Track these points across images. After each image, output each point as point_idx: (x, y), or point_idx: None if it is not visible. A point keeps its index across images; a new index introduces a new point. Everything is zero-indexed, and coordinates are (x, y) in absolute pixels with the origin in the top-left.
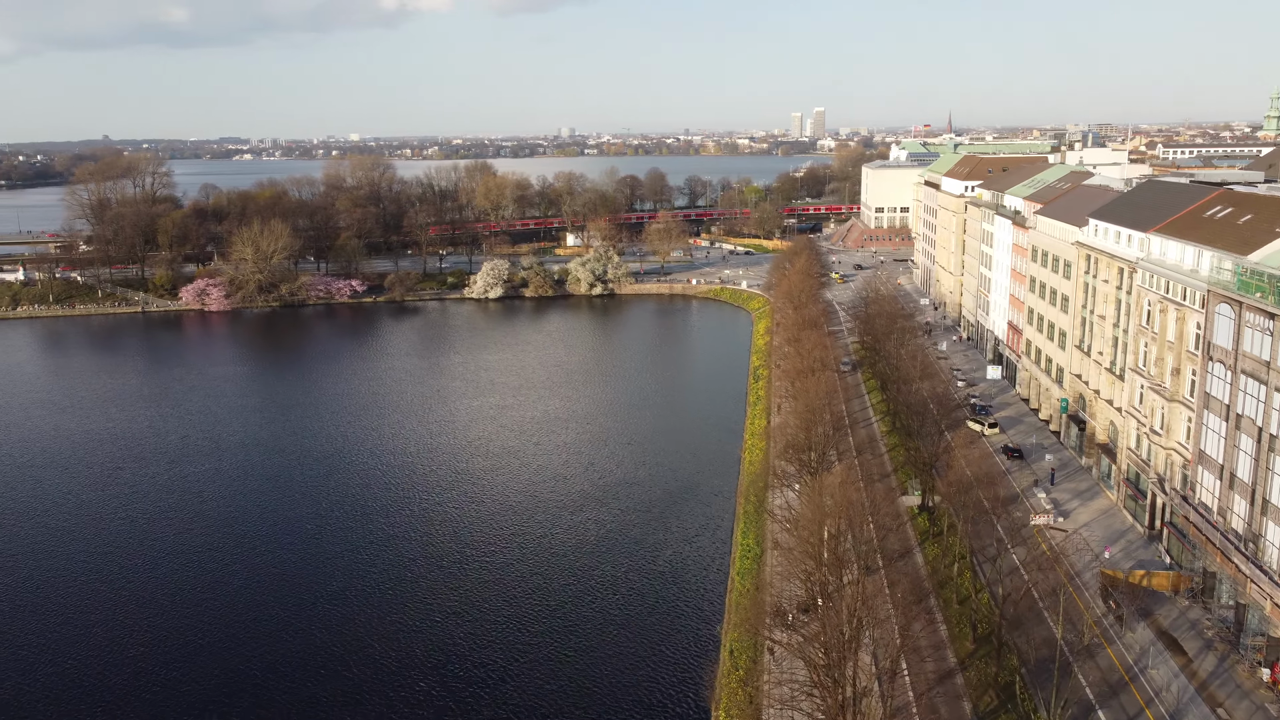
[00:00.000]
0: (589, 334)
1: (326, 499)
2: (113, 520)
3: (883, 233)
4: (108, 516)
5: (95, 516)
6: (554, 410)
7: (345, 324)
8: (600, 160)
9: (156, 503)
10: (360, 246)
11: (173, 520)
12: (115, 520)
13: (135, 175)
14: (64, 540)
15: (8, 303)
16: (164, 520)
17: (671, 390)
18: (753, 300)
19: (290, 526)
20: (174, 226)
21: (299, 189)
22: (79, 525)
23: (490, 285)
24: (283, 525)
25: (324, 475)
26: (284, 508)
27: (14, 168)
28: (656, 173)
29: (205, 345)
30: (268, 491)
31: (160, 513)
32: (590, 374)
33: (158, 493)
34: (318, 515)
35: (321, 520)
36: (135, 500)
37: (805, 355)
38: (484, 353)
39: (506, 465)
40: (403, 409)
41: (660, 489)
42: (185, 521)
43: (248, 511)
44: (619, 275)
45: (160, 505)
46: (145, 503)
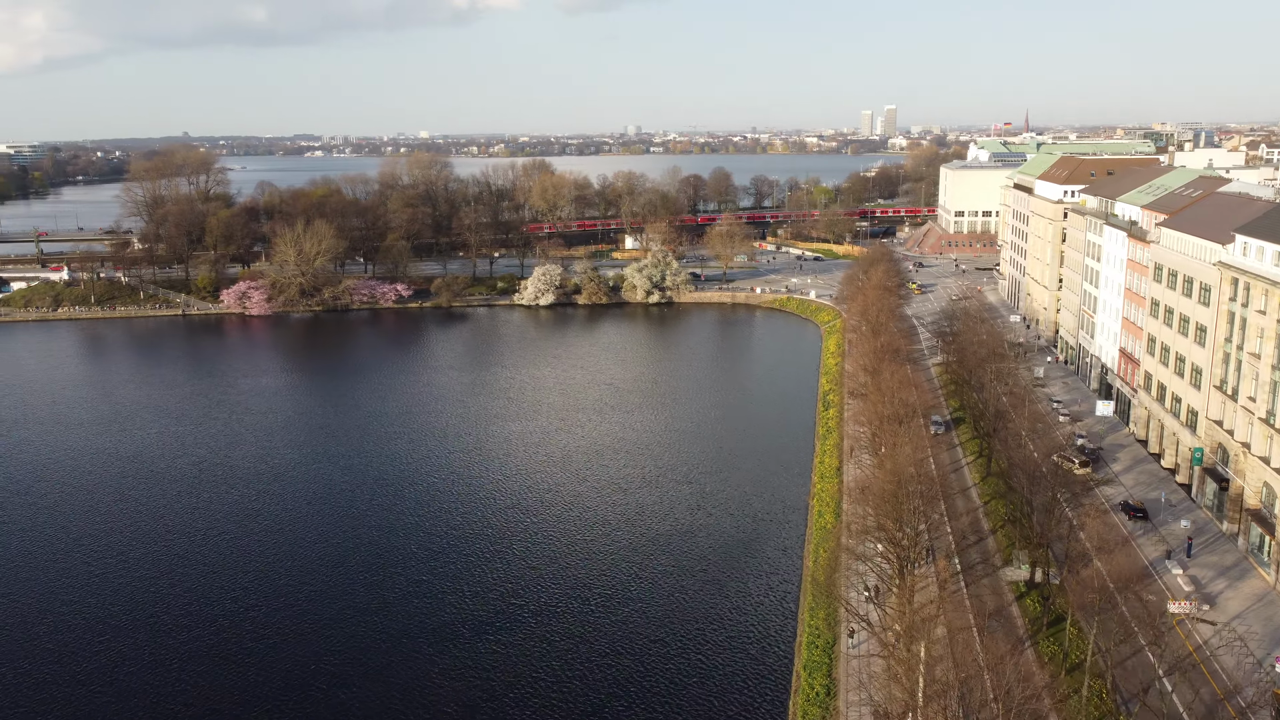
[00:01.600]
0: (643, 348)
1: (339, 546)
2: (109, 554)
3: (963, 238)
4: (107, 549)
5: (110, 547)
6: (602, 438)
7: (388, 332)
8: (665, 158)
9: (160, 534)
10: (407, 248)
11: (174, 556)
12: (111, 554)
13: (190, 172)
14: (88, 557)
15: (49, 303)
16: (174, 554)
17: (732, 416)
18: (822, 312)
19: (297, 576)
20: (220, 226)
21: (353, 187)
22: (91, 543)
23: (541, 292)
24: (292, 574)
25: (339, 516)
26: (292, 552)
27: (91, 164)
28: (721, 172)
29: (239, 354)
30: (275, 533)
31: (162, 544)
32: (643, 395)
33: (165, 521)
34: (328, 566)
35: (334, 572)
36: (139, 527)
37: (886, 395)
38: (531, 367)
39: (546, 505)
40: (438, 433)
41: (716, 546)
42: (185, 558)
43: (252, 550)
44: (677, 282)
45: (161, 540)
46: (150, 532)
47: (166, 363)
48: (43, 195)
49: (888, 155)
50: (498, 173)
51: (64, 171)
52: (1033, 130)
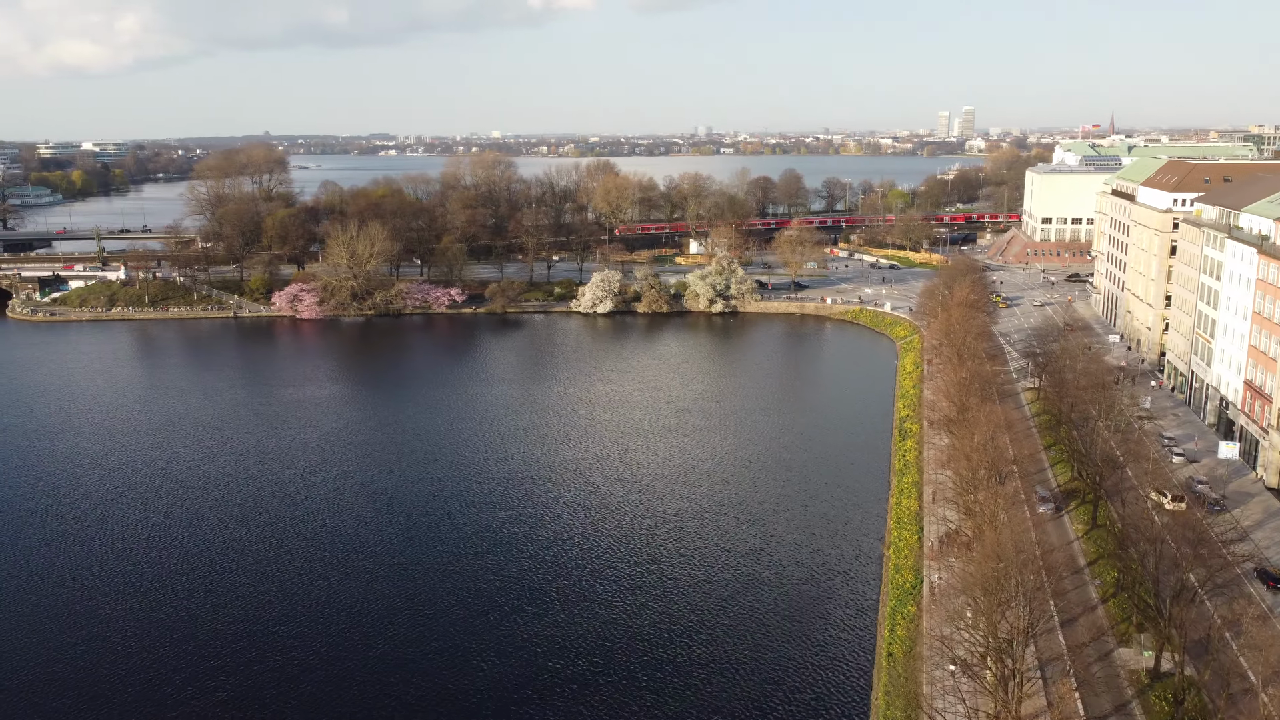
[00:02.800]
0: (705, 362)
1: (357, 591)
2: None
3: (1050, 246)
4: (125, 568)
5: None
6: (658, 465)
7: (438, 339)
8: (735, 159)
9: (174, 558)
10: (463, 251)
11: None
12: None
13: (254, 171)
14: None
15: (104, 303)
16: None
17: (799, 444)
18: (897, 326)
19: (318, 612)
20: (277, 225)
21: (414, 187)
22: (111, 564)
23: (599, 299)
24: (304, 613)
25: (359, 551)
26: (304, 589)
27: (171, 161)
28: (792, 174)
29: (284, 361)
30: (293, 563)
31: (173, 570)
32: (704, 416)
33: (180, 548)
34: (344, 615)
35: (351, 620)
36: (162, 550)
37: (977, 446)
38: (584, 382)
39: (590, 545)
40: (479, 457)
41: (778, 603)
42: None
43: (265, 590)
44: (743, 291)
45: (172, 566)
46: (170, 554)
47: (210, 368)
48: (123, 192)
49: (965, 157)
50: (561, 173)
51: (145, 169)
52: (1119, 132)
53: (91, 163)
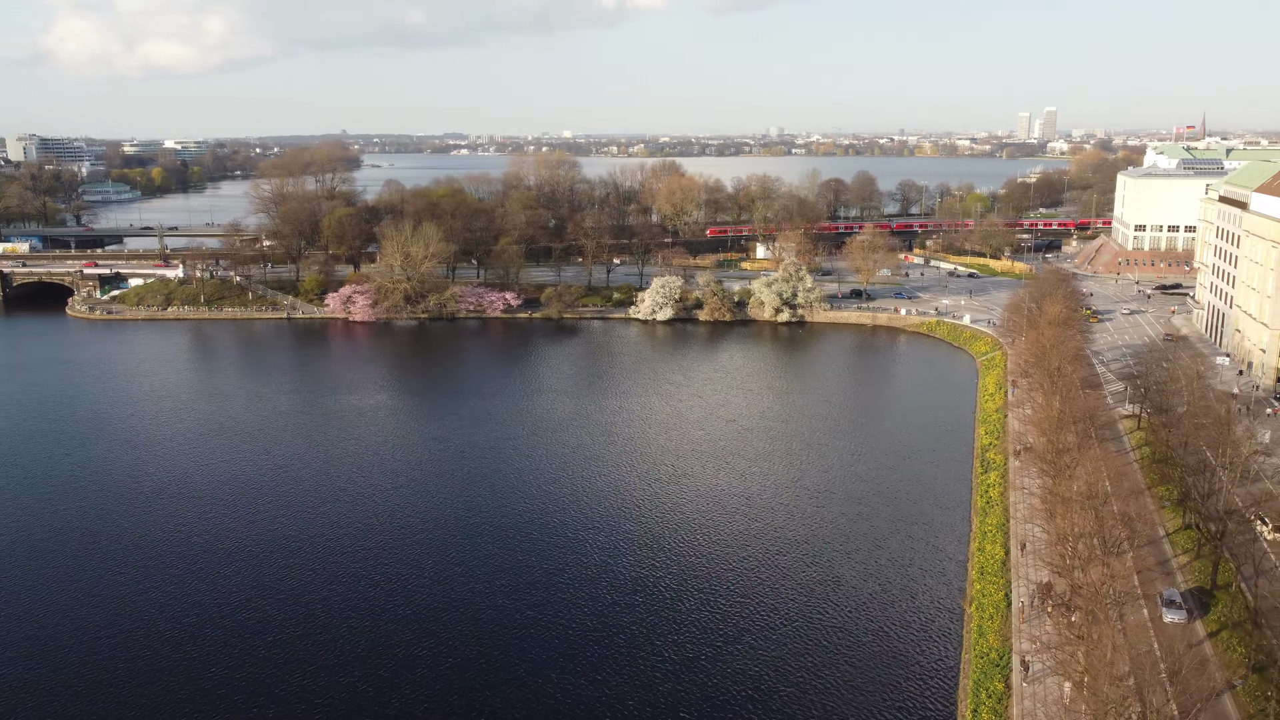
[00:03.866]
0: (770, 375)
1: (382, 631)
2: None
3: (1143, 255)
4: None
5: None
6: (717, 493)
7: (492, 345)
8: (806, 160)
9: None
10: (520, 254)
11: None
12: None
13: (317, 170)
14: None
15: (160, 301)
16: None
17: (870, 472)
18: (977, 341)
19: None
20: (334, 225)
21: (476, 187)
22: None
23: (659, 305)
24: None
25: (387, 589)
26: (317, 633)
27: (249, 159)
28: (865, 175)
29: (332, 366)
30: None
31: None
32: (768, 438)
33: (208, 567)
34: (365, 659)
35: (373, 664)
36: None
37: (1078, 497)
38: (641, 395)
39: (639, 584)
40: (528, 477)
41: (846, 669)
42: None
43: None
44: (810, 299)
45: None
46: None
47: (255, 373)
48: (200, 189)
49: (1047, 160)
50: (626, 174)
51: (223, 167)
52: (1211, 135)
53: (172, 160)
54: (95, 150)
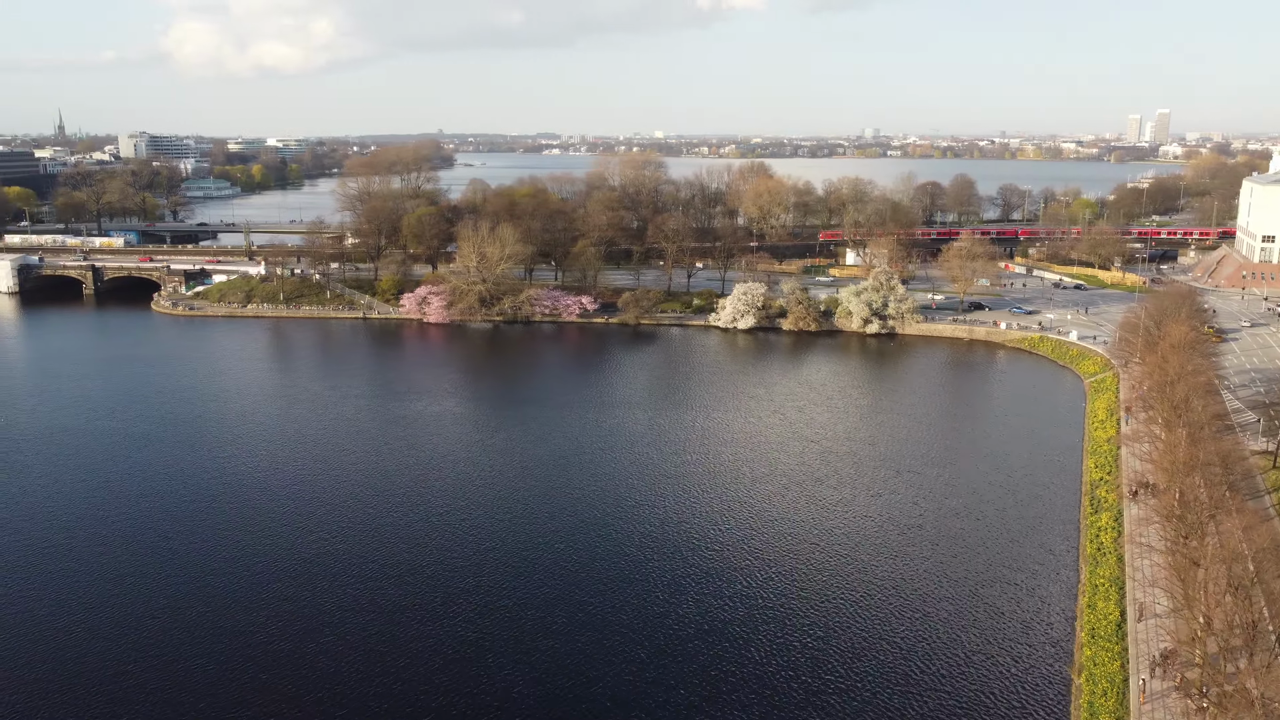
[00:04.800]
0: (856, 392)
1: (420, 671)
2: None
3: (1272, 269)
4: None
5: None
6: (797, 523)
7: (566, 351)
8: (902, 163)
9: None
10: (598, 256)
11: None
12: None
13: (402, 169)
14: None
15: (241, 299)
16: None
17: (967, 506)
18: (1085, 360)
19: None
20: (414, 224)
21: (560, 187)
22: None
23: (740, 313)
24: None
25: (431, 626)
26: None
27: (345, 158)
28: (963, 179)
29: (403, 369)
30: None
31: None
32: (853, 463)
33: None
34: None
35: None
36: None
37: (1212, 558)
38: (718, 410)
39: (700, 633)
40: (594, 502)
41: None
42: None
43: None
44: (902, 310)
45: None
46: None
47: (325, 375)
48: (298, 187)
49: (1160, 164)
50: (712, 175)
51: (321, 165)
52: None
53: (273, 158)
54: (202, 147)
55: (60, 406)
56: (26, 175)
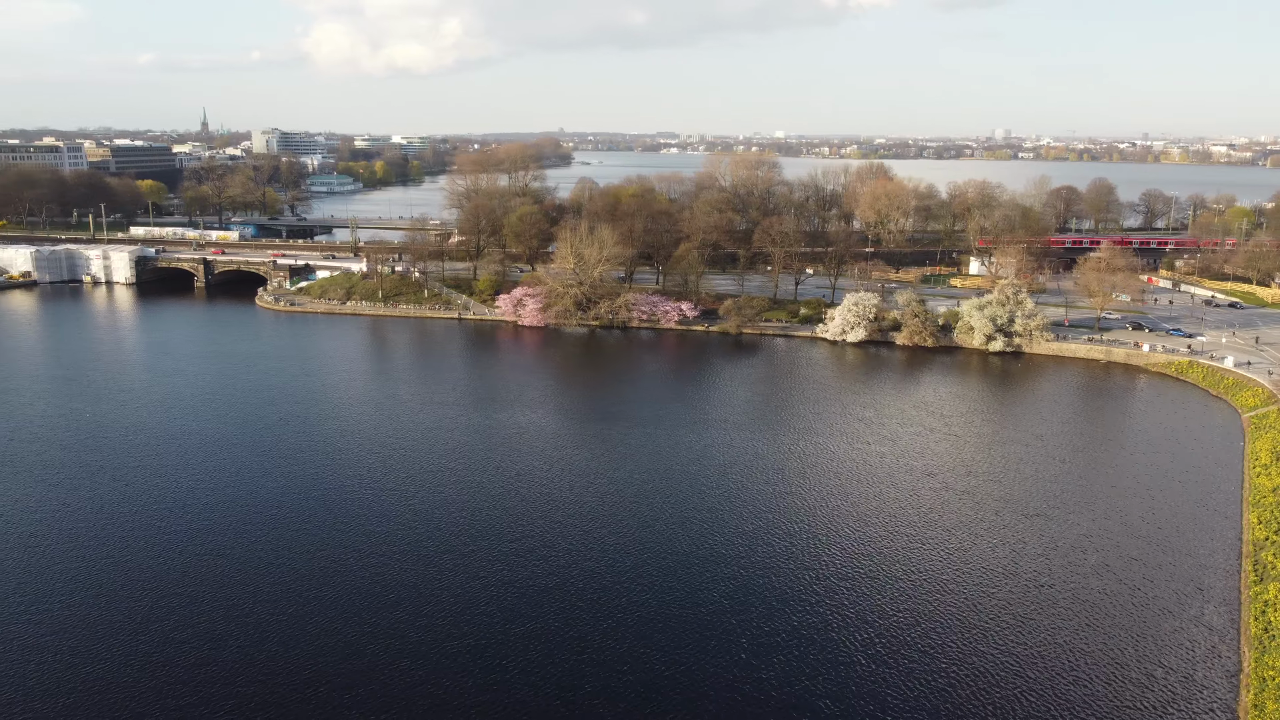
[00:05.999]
0: (977, 418)
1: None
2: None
3: None
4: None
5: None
6: (905, 575)
7: (663, 361)
8: (1034, 165)
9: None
10: (700, 260)
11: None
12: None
13: (510, 167)
14: None
15: (341, 295)
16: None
17: (1101, 562)
18: (1243, 391)
19: None
20: (515, 223)
21: (668, 187)
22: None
23: (850, 324)
24: None
25: (482, 669)
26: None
27: (465, 155)
28: (1102, 184)
29: (494, 375)
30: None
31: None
32: (974, 500)
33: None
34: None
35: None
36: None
37: None
38: (824, 433)
39: (789, 704)
40: (670, 533)
41: None
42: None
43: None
44: (1030, 327)
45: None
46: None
47: (412, 379)
48: (418, 183)
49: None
50: (829, 176)
51: (442, 161)
52: None
53: (396, 154)
54: (330, 144)
55: (146, 403)
56: (163, 169)
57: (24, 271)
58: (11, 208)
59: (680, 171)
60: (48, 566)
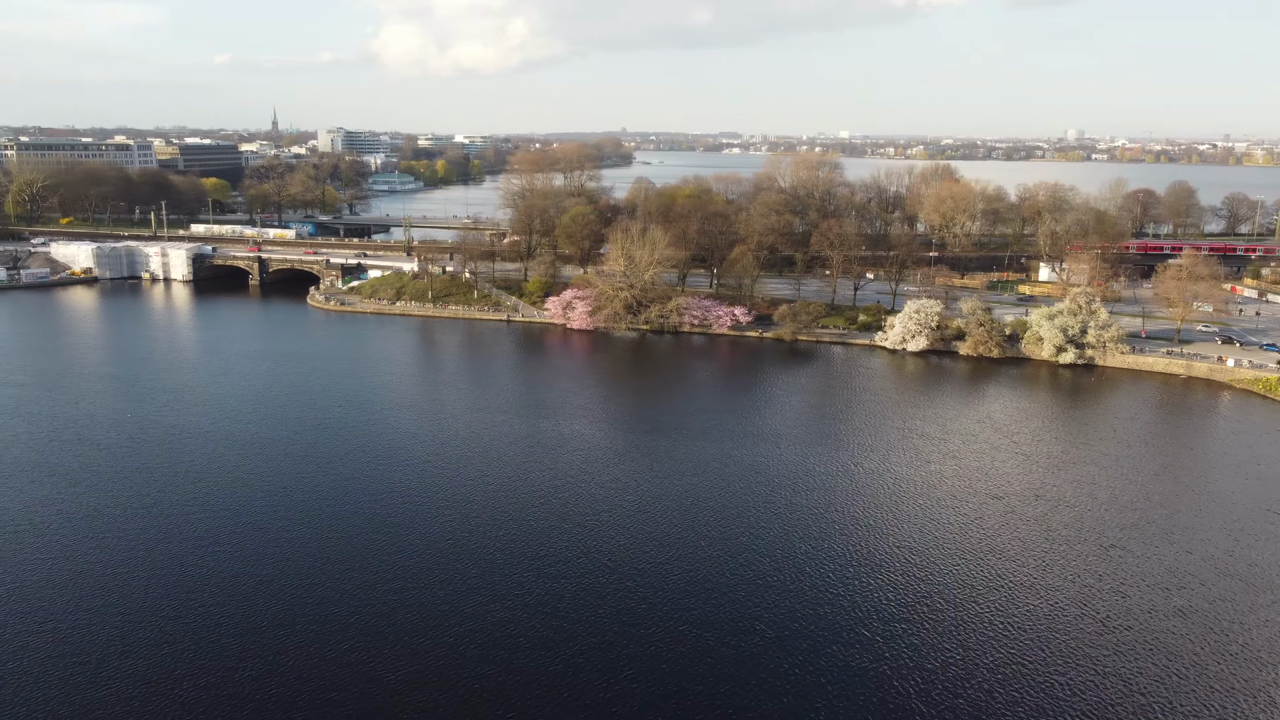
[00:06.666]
0: (1046, 436)
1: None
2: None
3: None
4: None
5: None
6: (963, 617)
7: (714, 369)
8: (1108, 168)
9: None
10: (755, 264)
11: None
12: None
13: (565, 167)
14: None
15: (391, 295)
16: None
17: (1188, 605)
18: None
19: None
20: (567, 224)
21: (725, 187)
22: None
23: (911, 333)
24: None
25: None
26: None
27: (526, 155)
28: (1181, 186)
29: (539, 381)
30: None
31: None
32: (1044, 529)
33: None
34: None
35: None
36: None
37: None
38: (882, 450)
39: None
40: (709, 557)
41: None
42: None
43: None
44: (1104, 339)
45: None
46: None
47: (454, 383)
48: (479, 182)
49: None
50: (892, 177)
51: (503, 160)
52: None
53: (458, 153)
54: (394, 143)
55: (189, 404)
56: (228, 168)
57: (86, 268)
58: (79, 205)
59: (738, 172)
60: (71, 580)
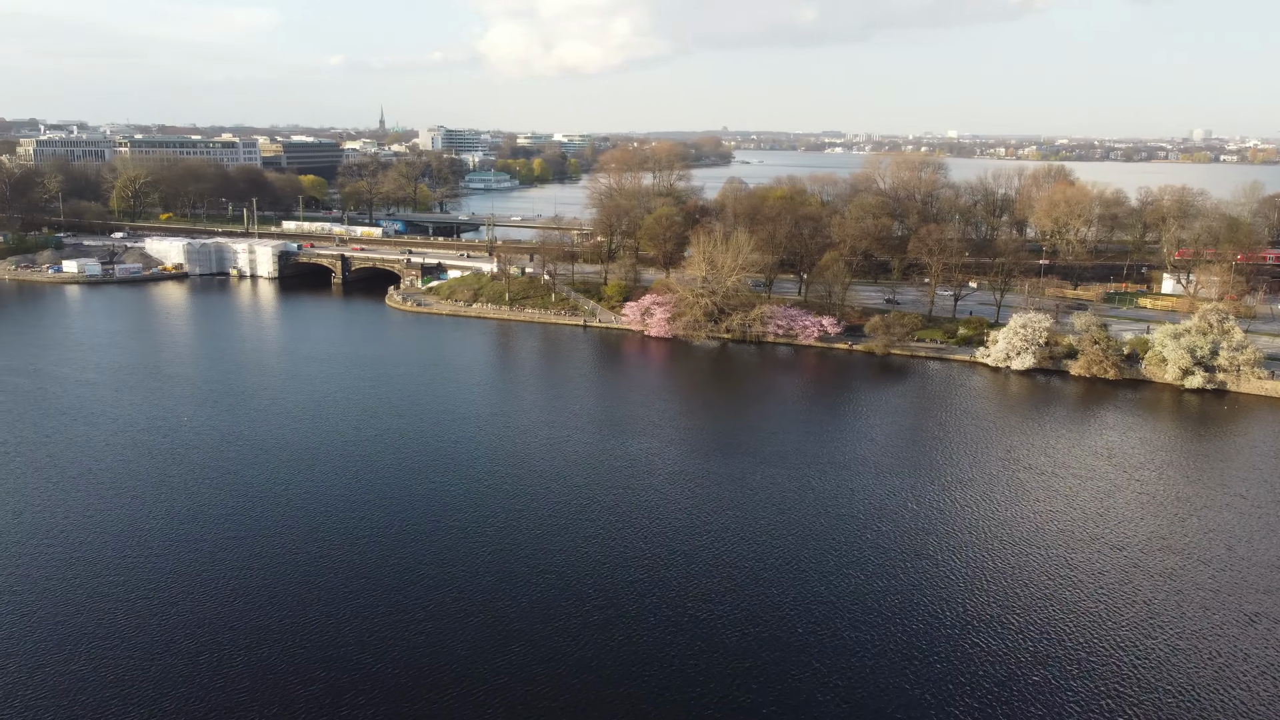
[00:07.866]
0: (1173, 474)
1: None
2: None
3: None
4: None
5: None
6: (1080, 692)
7: (797, 384)
8: (1239, 170)
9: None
10: (846, 271)
11: None
12: None
13: (654, 166)
14: None
15: (468, 296)
16: None
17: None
18: None
19: None
20: (651, 225)
21: (821, 189)
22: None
23: (1017, 349)
24: None
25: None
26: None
27: (624, 153)
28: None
29: (612, 393)
30: None
31: None
32: (1170, 584)
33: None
34: None
35: None
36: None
37: None
38: (982, 483)
39: None
40: (772, 601)
41: None
42: None
43: None
44: (1239, 361)
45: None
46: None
47: (521, 392)
48: (575, 180)
49: None
50: (1001, 179)
51: (599, 159)
52: None
53: (556, 152)
54: (494, 142)
55: (249, 409)
56: (329, 165)
57: (177, 263)
58: (179, 201)
59: (835, 172)
60: (97, 601)
